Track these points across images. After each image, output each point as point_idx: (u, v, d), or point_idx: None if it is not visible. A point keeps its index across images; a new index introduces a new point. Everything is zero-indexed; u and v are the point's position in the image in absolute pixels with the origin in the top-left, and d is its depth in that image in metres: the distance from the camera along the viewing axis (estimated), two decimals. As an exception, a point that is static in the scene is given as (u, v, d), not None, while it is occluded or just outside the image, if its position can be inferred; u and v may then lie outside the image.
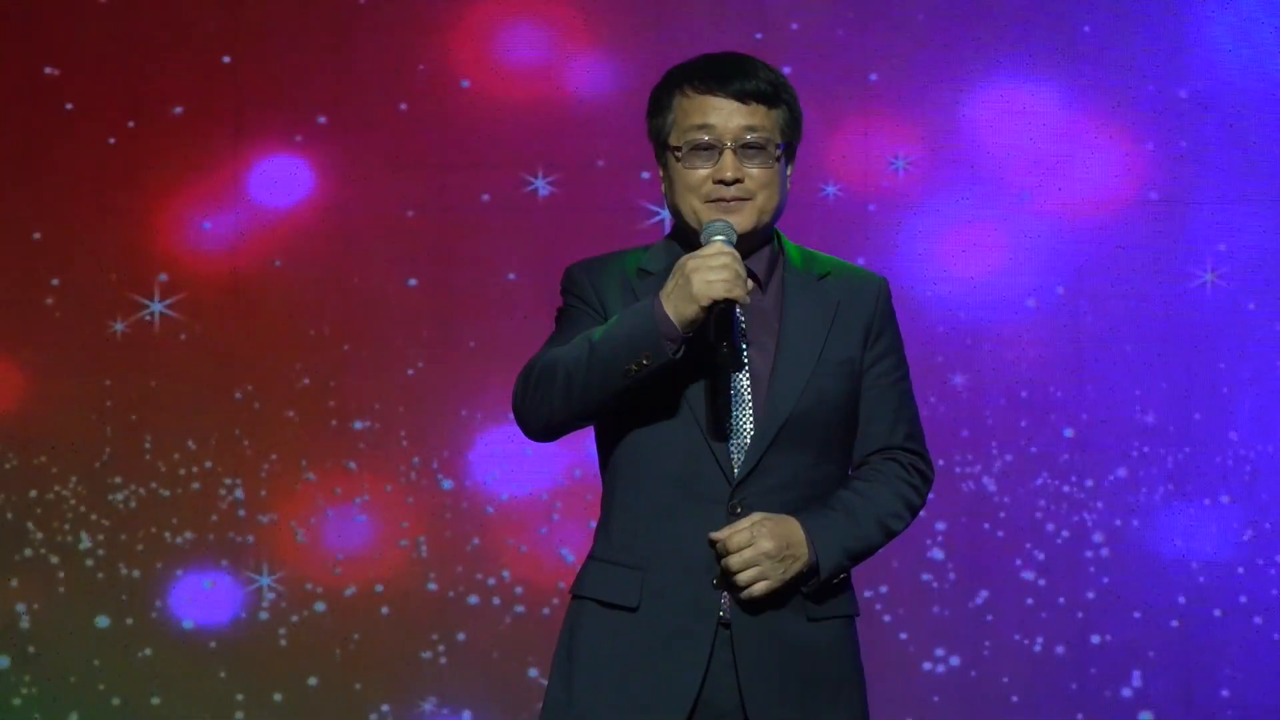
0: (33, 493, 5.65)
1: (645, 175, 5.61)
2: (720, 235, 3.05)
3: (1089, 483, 5.64)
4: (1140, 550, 5.63)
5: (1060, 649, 5.63)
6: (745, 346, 3.12)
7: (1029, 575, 5.64)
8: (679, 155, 3.12)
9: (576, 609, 3.14)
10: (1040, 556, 5.64)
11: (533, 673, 5.63)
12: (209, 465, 5.66)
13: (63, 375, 5.65)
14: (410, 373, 5.67)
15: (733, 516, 3.05)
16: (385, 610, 5.66)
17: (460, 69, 5.71)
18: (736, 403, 3.09)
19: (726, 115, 3.10)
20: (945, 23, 5.69)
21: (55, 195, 5.67)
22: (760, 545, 3.01)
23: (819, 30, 5.69)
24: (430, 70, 5.71)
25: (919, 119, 5.69)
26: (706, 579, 3.05)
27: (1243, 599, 5.63)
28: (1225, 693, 5.61)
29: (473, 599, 5.65)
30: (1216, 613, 5.62)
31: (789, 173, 3.18)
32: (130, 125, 5.68)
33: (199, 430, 5.66)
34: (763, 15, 5.68)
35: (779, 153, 3.13)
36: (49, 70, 5.69)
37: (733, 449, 3.07)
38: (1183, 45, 5.67)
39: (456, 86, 5.71)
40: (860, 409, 3.17)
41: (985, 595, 5.65)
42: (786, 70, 3.21)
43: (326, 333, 5.68)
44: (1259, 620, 5.62)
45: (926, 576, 5.64)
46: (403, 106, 5.70)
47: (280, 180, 5.71)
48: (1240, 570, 5.64)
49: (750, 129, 3.10)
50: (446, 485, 5.66)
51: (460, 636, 5.65)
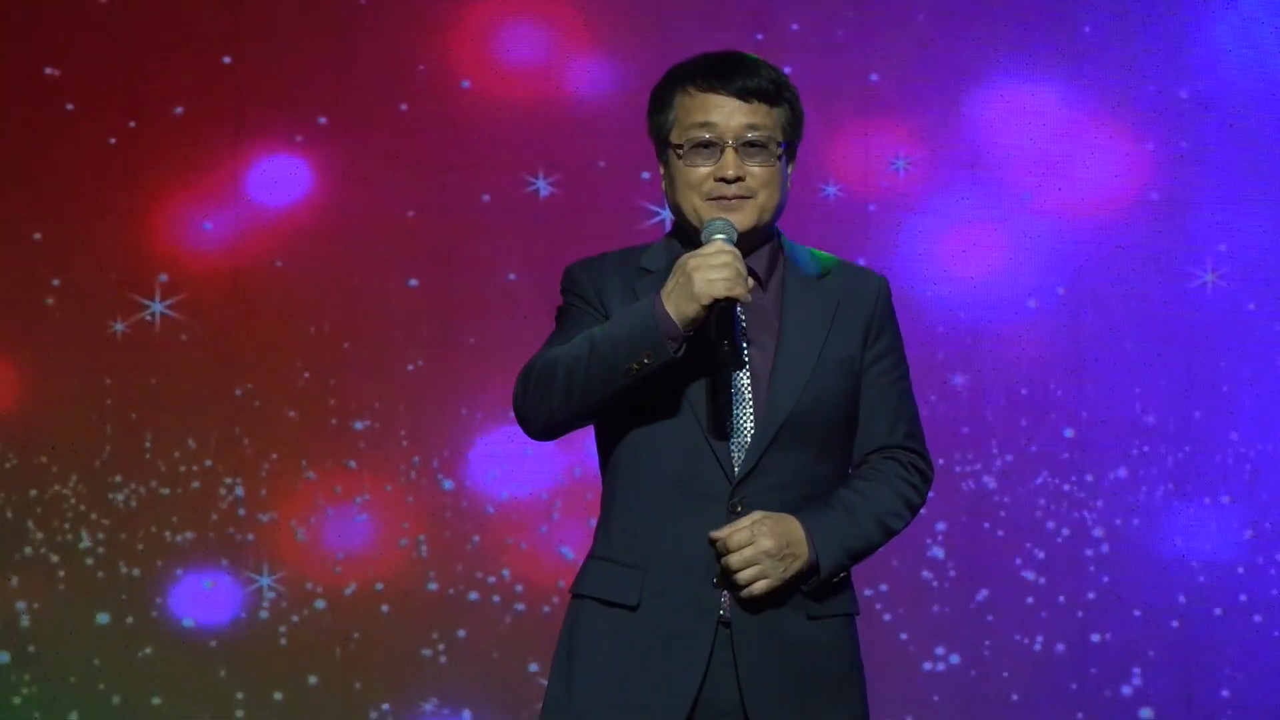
0: (33, 492, 5.65)
1: (646, 175, 5.61)
2: (721, 234, 3.04)
3: (1089, 482, 5.64)
4: (1140, 550, 5.63)
5: (1060, 648, 5.63)
6: (746, 345, 3.11)
7: (1029, 574, 5.64)
8: (680, 153, 3.12)
9: (576, 608, 3.14)
10: (1040, 556, 5.64)
11: (533, 671, 5.62)
12: (209, 464, 5.66)
13: (63, 375, 5.65)
14: (410, 372, 5.67)
15: (733, 515, 3.04)
16: (385, 609, 5.65)
17: (461, 69, 5.71)
18: (737, 401, 3.08)
19: (728, 113, 3.10)
20: (946, 23, 5.69)
21: (55, 195, 5.67)
22: (760, 544, 3.00)
23: (819, 30, 5.69)
24: (431, 70, 5.71)
25: (919, 119, 5.69)
26: (707, 578, 3.04)
27: (1243, 598, 5.63)
28: (1225, 693, 5.61)
29: (473, 598, 5.65)
30: (1217, 611, 5.62)
31: (790, 171, 3.18)
32: (130, 125, 5.68)
33: (199, 429, 5.66)
34: (763, 15, 5.68)
35: (780, 151, 3.13)
36: (49, 70, 5.69)
37: (733, 448, 3.07)
38: (1183, 45, 5.68)
39: (457, 87, 5.71)
40: (860, 408, 3.16)
41: (985, 594, 5.65)
42: (787, 70, 3.21)
43: (327, 332, 5.68)
44: (1259, 620, 5.62)
45: (927, 575, 5.64)
46: (403, 107, 5.70)
47: (280, 180, 5.71)
48: (1240, 570, 5.64)
49: (752, 127, 3.10)
50: (447, 485, 5.66)
51: (460, 635, 5.65)
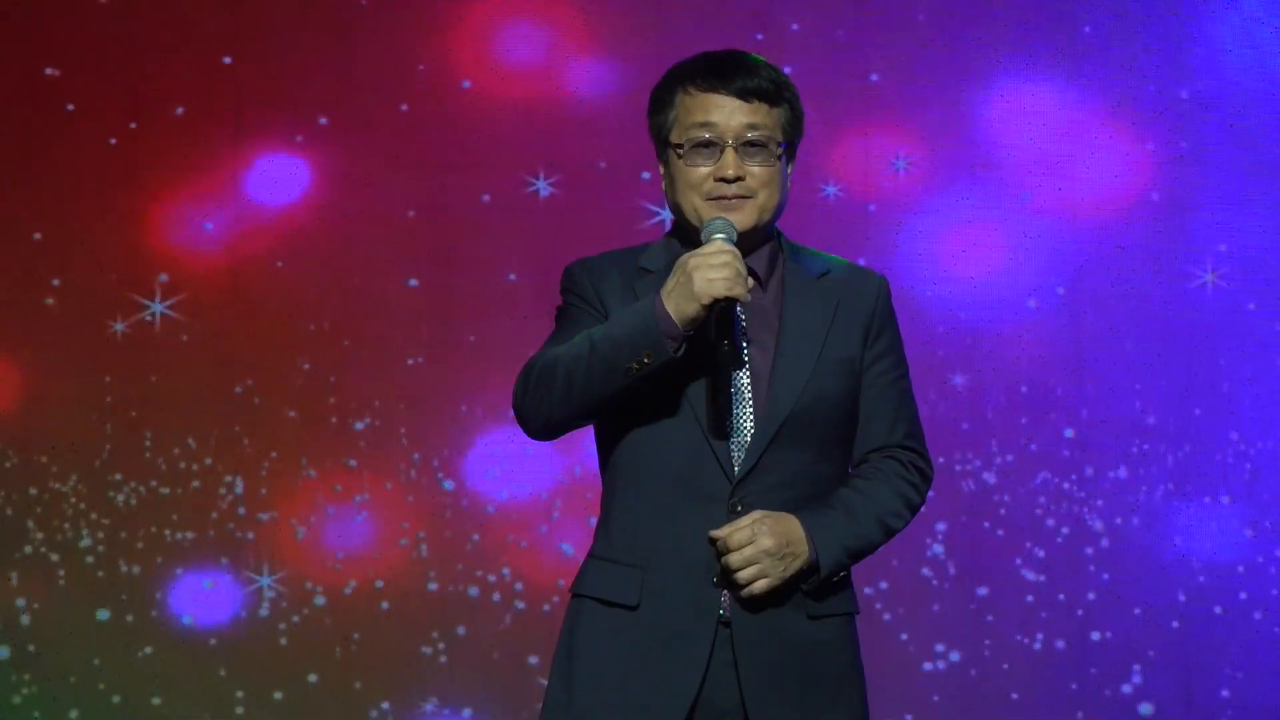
0: (33, 491, 5.65)
1: (646, 175, 5.61)
2: (721, 233, 3.04)
3: (1089, 481, 5.64)
4: (1140, 549, 5.63)
5: (1060, 647, 5.63)
6: (746, 345, 3.11)
7: (1029, 574, 5.64)
8: (680, 152, 3.12)
9: (576, 608, 3.14)
10: (1040, 555, 5.64)
11: (533, 668, 5.62)
12: (209, 463, 5.66)
13: (63, 375, 5.65)
14: (411, 371, 5.67)
15: (733, 515, 3.04)
16: (385, 608, 5.65)
17: (461, 69, 5.72)
18: (737, 401, 3.08)
19: (728, 113, 3.10)
20: (946, 23, 5.69)
21: (55, 195, 5.67)
22: (760, 543, 3.00)
23: (819, 30, 5.69)
24: (431, 70, 5.71)
25: (919, 119, 5.69)
26: (707, 577, 3.04)
27: (1243, 597, 5.63)
28: (1225, 692, 5.61)
29: (473, 596, 5.65)
30: (1217, 610, 5.62)
31: (790, 171, 3.18)
32: (131, 126, 5.68)
33: (199, 428, 5.66)
34: (763, 15, 5.68)
35: (780, 151, 3.13)
36: (49, 71, 5.70)
37: (733, 447, 3.07)
38: (1183, 45, 5.68)
39: (457, 87, 5.71)
40: (860, 407, 3.16)
41: (985, 593, 5.65)
42: (787, 70, 3.21)
43: (327, 331, 5.68)
44: (1259, 619, 5.62)
45: (927, 574, 5.64)
46: (403, 107, 5.70)
47: (280, 180, 5.71)
48: (1240, 569, 5.64)
49: (752, 127, 3.10)
50: (447, 484, 5.66)
51: (460, 634, 5.65)
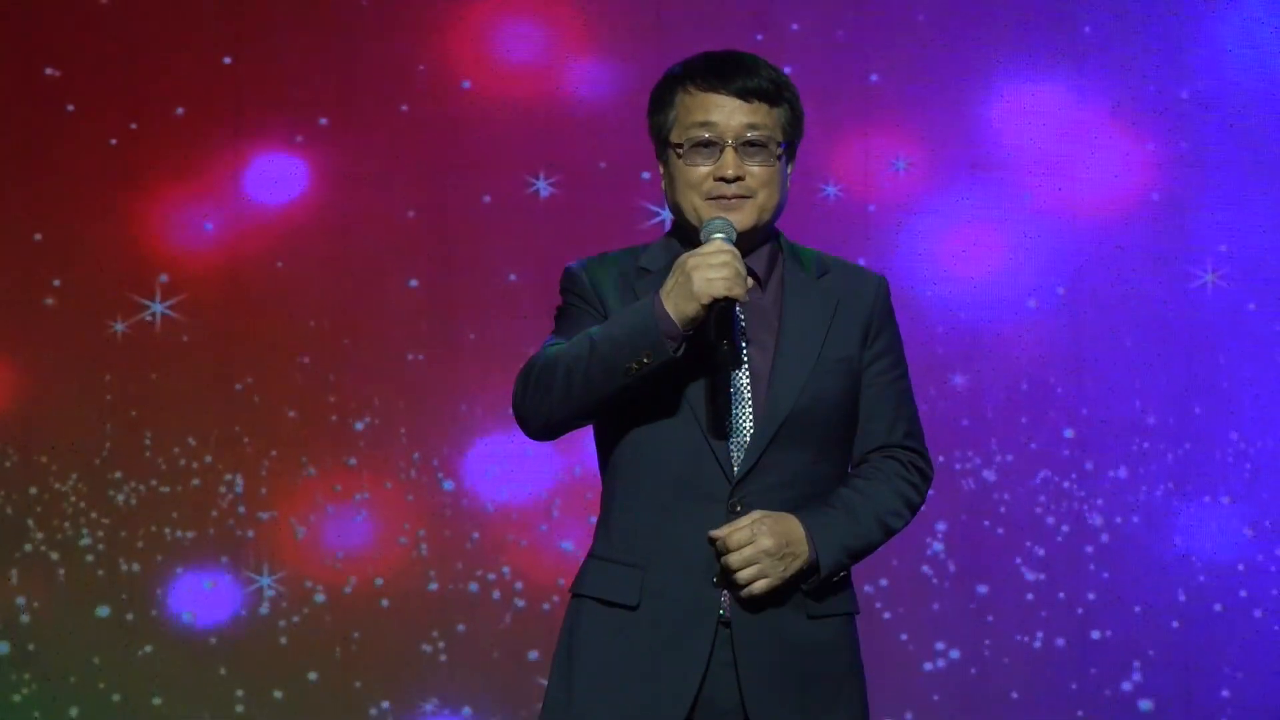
0: (33, 490, 5.65)
1: (646, 175, 5.62)
2: (720, 233, 3.04)
3: (1089, 480, 5.64)
4: (1140, 548, 5.63)
5: (1060, 646, 5.63)
6: (745, 344, 3.11)
7: (1029, 573, 5.64)
8: (680, 152, 3.12)
9: (576, 608, 3.14)
10: (1040, 554, 5.64)
11: (533, 668, 5.63)
12: (209, 462, 5.66)
13: (63, 375, 5.65)
14: (411, 371, 5.67)
15: (732, 515, 3.04)
16: (385, 607, 5.65)
17: (461, 69, 5.72)
18: (736, 401, 3.08)
19: (728, 113, 3.10)
20: (946, 23, 5.69)
21: (55, 195, 5.67)
22: (760, 543, 3.00)
23: (819, 30, 5.69)
24: (431, 71, 5.71)
25: (919, 119, 5.69)
26: (706, 577, 3.04)
27: (1243, 596, 5.63)
28: (1225, 692, 5.61)
29: (473, 594, 5.65)
30: (1217, 608, 5.62)
31: (789, 171, 3.18)
32: (131, 126, 5.68)
33: (199, 427, 5.66)
34: (763, 15, 5.68)
35: (780, 151, 3.13)
36: (50, 71, 5.70)
37: (732, 447, 3.07)
38: (1184, 45, 5.68)
39: (457, 87, 5.71)
40: (860, 407, 3.16)
41: (985, 592, 5.65)
42: (787, 70, 3.21)
43: (327, 330, 5.68)
44: (1259, 618, 5.62)
45: (927, 573, 5.64)
46: (403, 107, 5.70)
47: (281, 181, 5.71)
48: (1240, 568, 5.64)
49: (752, 127, 3.10)
50: (446, 484, 5.66)
51: (460, 630, 5.65)
